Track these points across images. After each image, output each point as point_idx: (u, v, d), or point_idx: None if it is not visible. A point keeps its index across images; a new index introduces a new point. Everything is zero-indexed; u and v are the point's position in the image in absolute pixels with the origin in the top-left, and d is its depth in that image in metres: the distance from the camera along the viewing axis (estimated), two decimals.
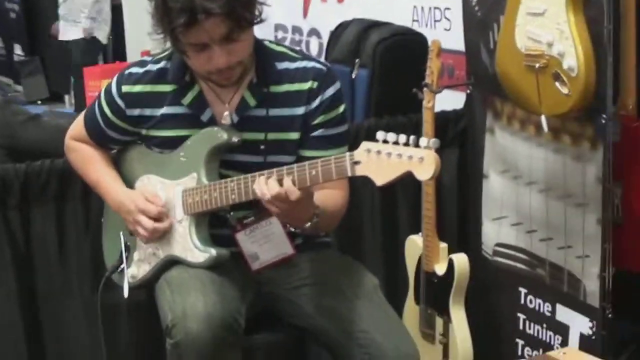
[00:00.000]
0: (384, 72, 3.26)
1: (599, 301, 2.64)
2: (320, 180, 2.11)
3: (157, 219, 2.38)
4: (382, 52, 3.25)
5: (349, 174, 2.06)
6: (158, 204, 2.39)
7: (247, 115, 2.36)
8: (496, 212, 3.02)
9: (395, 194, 3.25)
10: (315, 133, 2.36)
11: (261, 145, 2.35)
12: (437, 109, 3.29)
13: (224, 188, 2.27)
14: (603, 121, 2.51)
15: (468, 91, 3.16)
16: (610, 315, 2.63)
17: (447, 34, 3.65)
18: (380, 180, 2.01)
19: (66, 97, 8.41)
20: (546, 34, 2.45)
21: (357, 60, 3.29)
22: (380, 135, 2.00)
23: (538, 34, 2.48)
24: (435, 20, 3.78)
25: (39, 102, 8.50)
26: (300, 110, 2.36)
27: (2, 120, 3.07)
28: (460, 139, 3.27)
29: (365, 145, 2.02)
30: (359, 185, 3.16)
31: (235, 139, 2.33)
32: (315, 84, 2.36)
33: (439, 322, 2.95)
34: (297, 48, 2.52)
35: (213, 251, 2.33)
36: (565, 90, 2.44)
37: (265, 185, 2.16)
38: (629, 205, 2.67)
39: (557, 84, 2.45)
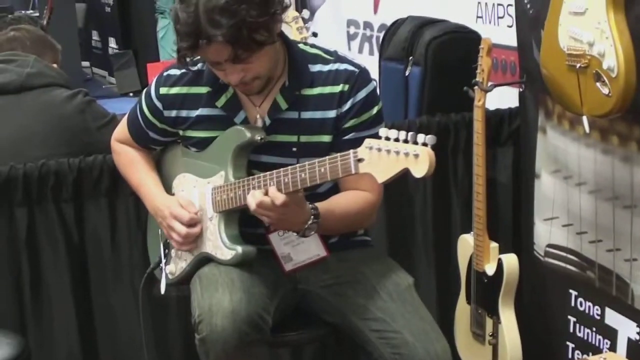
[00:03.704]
0: (436, 70, 3.23)
1: None
2: (328, 177, 2.13)
3: (190, 225, 2.43)
4: (434, 50, 3.23)
5: (353, 172, 2.07)
6: (191, 210, 2.44)
7: (279, 118, 2.39)
8: (548, 213, 2.99)
9: (449, 191, 3.24)
10: (348, 136, 2.37)
11: (293, 147, 2.38)
12: (498, 106, 3.29)
13: (247, 186, 2.30)
14: None
15: (521, 89, 3.12)
16: None
17: (510, 31, 3.61)
18: (381, 177, 2.01)
19: None
20: (587, 34, 2.41)
21: (410, 58, 3.28)
22: (382, 132, 2.00)
23: (579, 34, 2.44)
24: (498, 17, 3.75)
25: (131, 94, 8.69)
26: (332, 114, 2.37)
27: (82, 126, 3.09)
28: (514, 138, 3.23)
29: (367, 142, 2.03)
30: (411, 182, 3.17)
31: (258, 138, 2.36)
32: (347, 87, 2.37)
33: (488, 322, 2.92)
34: (332, 50, 2.51)
35: (239, 249, 2.36)
36: (605, 91, 2.39)
37: (251, 197, 2.22)
38: None
39: (597, 84, 2.41)
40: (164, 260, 2.53)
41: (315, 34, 4.10)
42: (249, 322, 2.21)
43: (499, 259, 2.87)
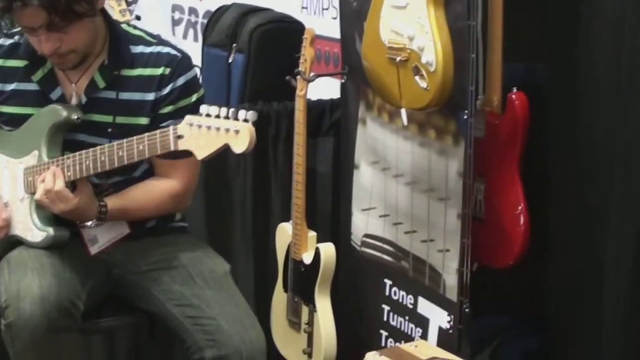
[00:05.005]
0: (260, 58, 3.24)
1: (456, 295, 2.66)
2: (146, 154, 2.12)
3: None
4: (258, 38, 3.23)
5: (172, 148, 2.06)
6: None
7: (95, 97, 2.34)
8: (365, 203, 3.03)
9: (269, 180, 3.24)
10: (165, 124, 2.34)
11: (109, 128, 2.33)
12: (320, 97, 3.31)
13: (62, 165, 2.24)
14: (465, 117, 2.53)
15: (343, 81, 3.15)
16: (467, 310, 2.65)
17: (335, 22, 3.64)
18: (200, 154, 2.01)
19: None
20: (408, 28, 2.45)
21: (234, 45, 3.27)
22: (203, 108, 2.00)
23: (400, 28, 2.48)
24: (323, 9, 3.77)
25: None
26: (150, 96, 2.34)
27: None
28: (335, 129, 3.27)
29: (188, 119, 2.03)
30: (231, 169, 3.15)
31: (75, 117, 2.31)
32: (168, 71, 2.34)
33: (305, 310, 2.95)
34: (156, 33, 2.47)
35: (51, 230, 2.30)
36: (424, 85, 2.45)
37: (40, 184, 2.21)
38: (491, 201, 2.69)
39: (416, 78, 2.46)
40: None
41: (138, 17, 4.02)
42: (59, 307, 2.16)
43: (317, 248, 2.90)
